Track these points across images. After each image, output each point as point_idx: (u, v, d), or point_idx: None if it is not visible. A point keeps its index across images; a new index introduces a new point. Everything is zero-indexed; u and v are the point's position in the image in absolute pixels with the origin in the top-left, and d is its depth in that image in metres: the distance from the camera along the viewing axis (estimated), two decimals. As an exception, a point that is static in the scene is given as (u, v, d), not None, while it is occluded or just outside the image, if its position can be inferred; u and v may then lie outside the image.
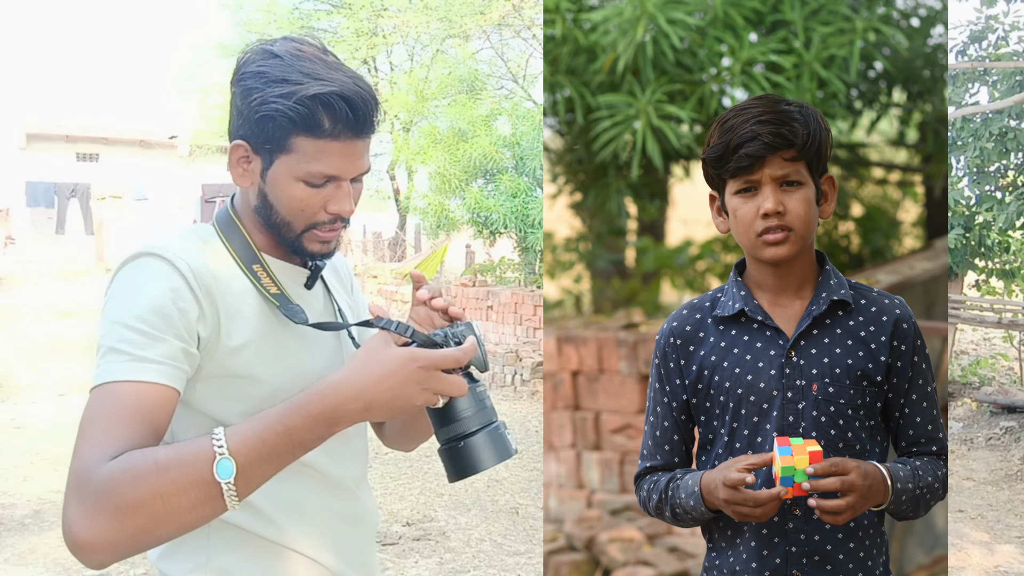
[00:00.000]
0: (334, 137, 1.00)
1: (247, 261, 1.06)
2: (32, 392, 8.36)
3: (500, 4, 11.97)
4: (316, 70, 0.99)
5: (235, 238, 1.07)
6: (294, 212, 1.04)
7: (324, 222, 1.05)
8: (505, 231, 9.72)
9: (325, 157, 1.00)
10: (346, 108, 0.99)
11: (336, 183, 1.03)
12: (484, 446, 0.96)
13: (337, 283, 1.24)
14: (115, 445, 0.86)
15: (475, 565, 3.97)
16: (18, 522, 4.45)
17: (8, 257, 17.82)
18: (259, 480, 0.89)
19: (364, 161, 1.05)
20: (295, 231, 1.05)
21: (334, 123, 0.99)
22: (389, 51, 15.33)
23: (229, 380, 1.01)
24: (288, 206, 1.04)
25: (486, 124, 10.07)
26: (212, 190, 18.15)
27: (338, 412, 0.90)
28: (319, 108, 0.98)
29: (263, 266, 1.06)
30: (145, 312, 0.94)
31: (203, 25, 32.68)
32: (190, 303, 0.97)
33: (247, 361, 1.02)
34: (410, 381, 0.91)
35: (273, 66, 1.00)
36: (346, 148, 1.01)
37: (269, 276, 1.06)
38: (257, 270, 1.05)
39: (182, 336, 0.95)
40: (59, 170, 19.62)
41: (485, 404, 0.98)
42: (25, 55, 41.22)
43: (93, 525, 0.82)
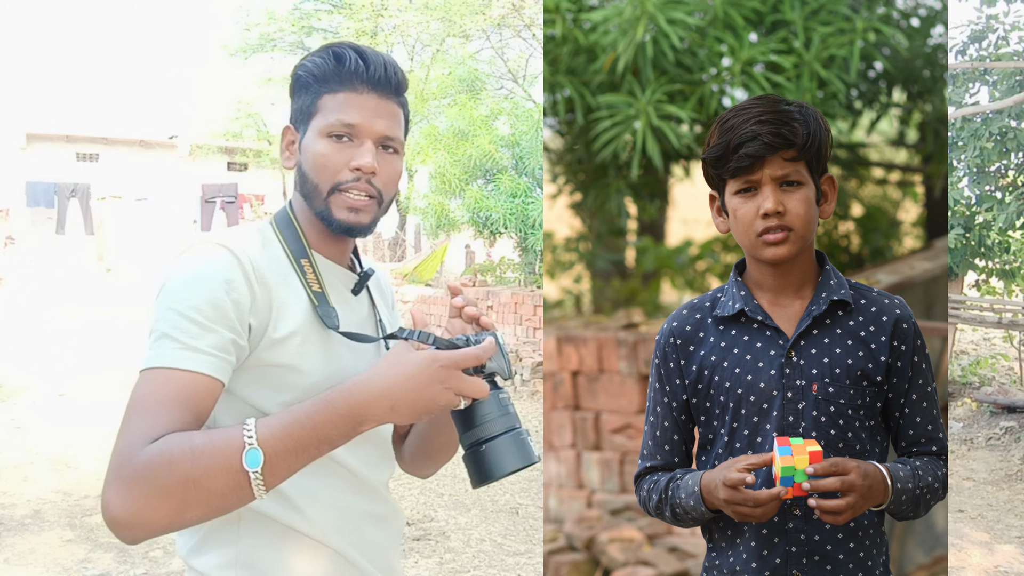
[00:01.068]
0: (352, 88, 1.07)
1: (297, 255, 1.10)
2: (32, 392, 8.36)
3: (500, 4, 11.97)
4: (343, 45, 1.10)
5: (289, 233, 1.11)
6: (319, 170, 1.08)
7: (347, 180, 1.07)
8: (505, 231, 9.72)
9: (345, 108, 1.07)
10: (356, 57, 1.07)
11: (359, 141, 1.08)
12: (506, 450, 0.97)
13: (380, 298, 1.26)
14: (157, 429, 0.90)
15: (475, 565, 3.97)
16: (18, 522, 4.45)
17: (8, 257, 17.82)
18: (286, 471, 0.91)
19: (387, 124, 1.09)
20: (322, 194, 1.08)
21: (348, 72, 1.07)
22: (389, 51, 15.33)
23: (272, 369, 1.04)
24: (314, 165, 1.08)
25: (486, 124, 10.07)
26: (212, 190, 18.13)
27: (364, 410, 0.93)
28: (331, 59, 1.07)
29: (311, 262, 1.10)
30: (200, 302, 0.97)
31: (203, 25, 32.69)
32: (244, 294, 1.00)
33: (291, 352, 1.04)
34: (432, 380, 0.93)
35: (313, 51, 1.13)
36: (365, 101, 1.07)
37: (315, 273, 1.10)
38: (304, 265, 1.09)
39: (233, 327, 0.98)
40: (59, 170, 19.62)
41: (508, 410, 0.99)
42: (25, 55, 41.30)
43: (130, 504, 0.86)
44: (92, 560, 3.96)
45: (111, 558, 3.99)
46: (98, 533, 4.32)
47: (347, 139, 1.07)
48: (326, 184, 1.08)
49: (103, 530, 4.37)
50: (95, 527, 4.42)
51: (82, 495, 4.99)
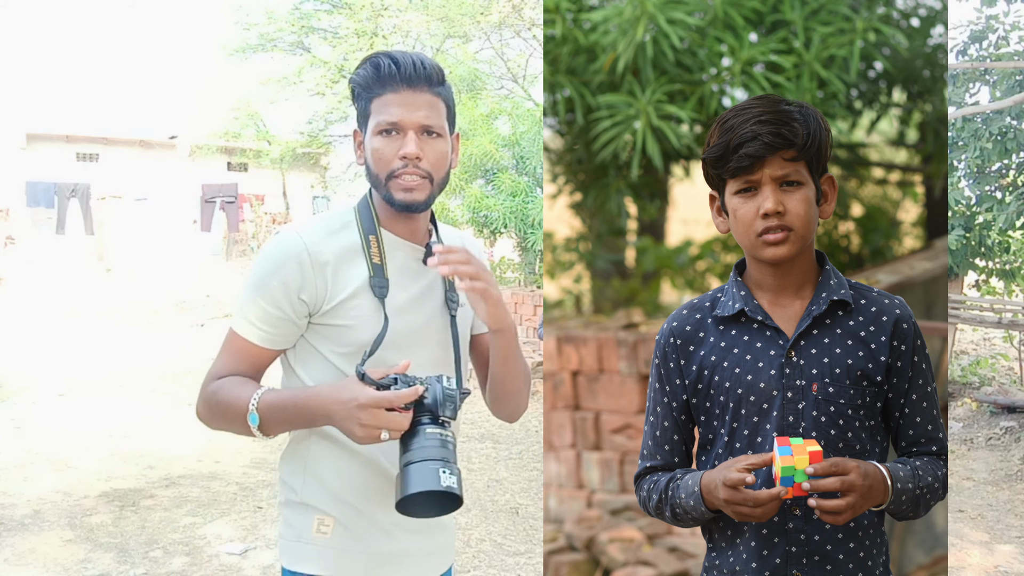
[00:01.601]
0: (392, 89, 1.27)
1: (366, 233, 1.33)
2: (32, 392, 8.36)
3: (500, 4, 11.97)
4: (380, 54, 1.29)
5: (364, 215, 1.35)
6: (376, 162, 1.30)
7: (399, 168, 1.28)
8: (505, 231, 9.72)
9: (387, 107, 1.27)
10: (389, 62, 1.27)
11: (403, 133, 1.28)
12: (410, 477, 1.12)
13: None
14: (222, 371, 1.33)
15: (475, 565, 3.97)
16: (18, 522, 4.45)
17: (8, 257, 17.82)
18: (278, 431, 1.27)
19: (426, 114, 1.28)
20: (382, 181, 1.30)
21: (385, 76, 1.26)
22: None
23: (333, 328, 1.31)
24: (372, 158, 1.31)
25: (486, 124, 10.07)
26: (212, 190, 18.12)
27: (312, 413, 1.22)
28: (370, 68, 1.28)
29: (377, 238, 1.33)
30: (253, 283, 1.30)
31: (204, 25, 32.68)
32: (293, 276, 1.28)
33: (347, 314, 1.30)
34: (351, 416, 1.15)
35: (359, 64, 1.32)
36: (402, 98, 1.27)
37: (379, 247, 1.32)
38: (371, 240, 1.32)
39: (278, 304, 1.28)
40: (59, 170, 19.60)
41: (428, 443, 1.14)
42: (25, 56, 41.28)
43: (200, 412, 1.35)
44: (92, 560, 3.96)
45: (111, 558, 3.99)
46: (98, 533, 4.32)
47: (394, 133, 1.28)
48: (383, 173, 1.30)
49: (103, 530, 4.37)
50: (95, 527, 4.42)
51: (82, 495, 4.98)
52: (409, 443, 1.15)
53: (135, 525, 4.47)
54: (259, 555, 4.07)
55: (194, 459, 5.90)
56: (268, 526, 4.48)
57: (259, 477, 5.47)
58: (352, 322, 1.29)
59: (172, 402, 7.96)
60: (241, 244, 18.88)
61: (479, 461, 6.01)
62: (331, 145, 17.61)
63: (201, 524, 4.50)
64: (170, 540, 4.25)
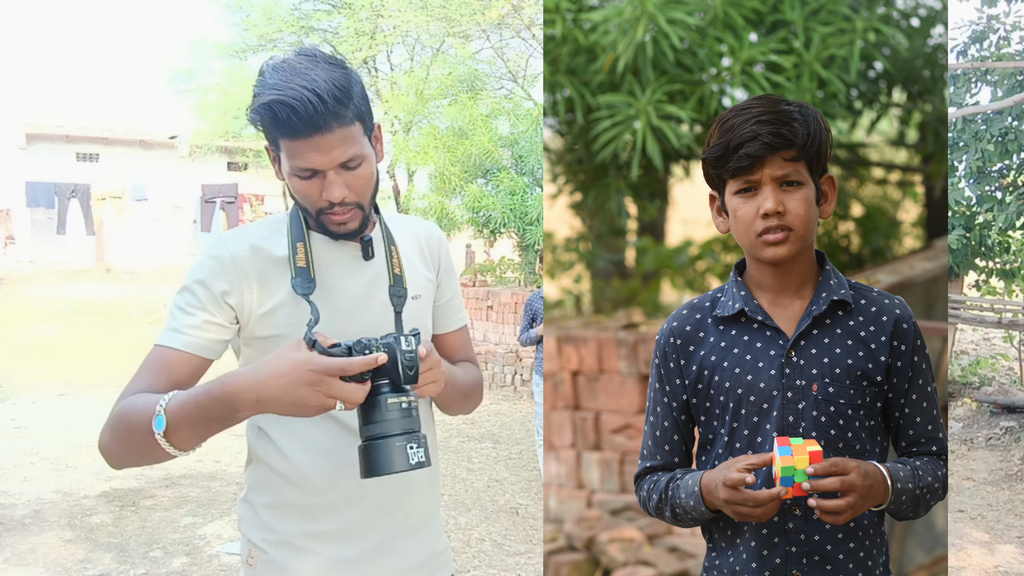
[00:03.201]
0: (295, 136, 1.13)
1: (294, 239, 1.25)
2: (32, 392, 8.35)
3: (500, 4, 11.96)
4: (279, 81, 1.12)
5: (295, 221, 1.26)
6: (301, 199, 1.22)
7: (325, 208, 1.20)
8: (505, 230, 9.72)
9: (299, 153, 1.15)
10: (287, 112, 1.10)
11: (322, 174, 1.17)
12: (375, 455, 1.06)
13: (416, 257, 1.39)
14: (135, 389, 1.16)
15: (475, 565, 3.97)
16: (18, 522, 4.45)
17: (8, 257, 17.81)
18: (186, 438, 1.09)
19: (341, 152, 1.16)
20: (312, 214, 1.23)
21: (284, 125, 1.12)
22: (389, 51, 15.30)
23: (266, 341, 1.23)
24: (297, 195, 1.21)
25: (486, 124, 10.07)
26: (212, 190, 18.13)
27: (234, 399, 1.05)
28: (267, 114, 1.13)
29: (305, 243, 1.24)
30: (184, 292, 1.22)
31: (203, 25, 32.69)
32: (218, 282, 1.20)
33: (278, 323, 1.22)
34: (301, 382, 1.02)
35: (258, 83, 1.16)
36: (312, 144, 1.13)
37: (305, 252, 1.24)
38: (298, 247, 1.24)
39: (207, 309, 1.20)
40: (59, 170, 19.60)
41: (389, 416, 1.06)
42: (25, 55, 41.25)
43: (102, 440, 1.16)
44: (92, 560, 3.96)
45: (111, 558, 3.99)
46: (98, 533, 4.32)
47: (312, 175, 1.17)
48: (312, 209, 1.22)
49: (103, 530, 4.37)
50: (95, 527, 4.41)
51: (82, 495, 4.99)
52: (370, 415, 1.07)
53: (135, 525, 4.47)
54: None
55: (194, 459, 5.90)
56: (268, 526, 4.47)
57: (259, 477, 5.46)
58: (285, 330, 1.21)
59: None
60: (241, 244, 18.85)
61: (479, 461, 6.01)
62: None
63: (201, 524, 4.50)
64: (170, 540, 4.25)
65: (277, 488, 1.28)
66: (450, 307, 1.46)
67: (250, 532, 1.30)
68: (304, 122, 1.11)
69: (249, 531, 1.30)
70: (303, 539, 1.26)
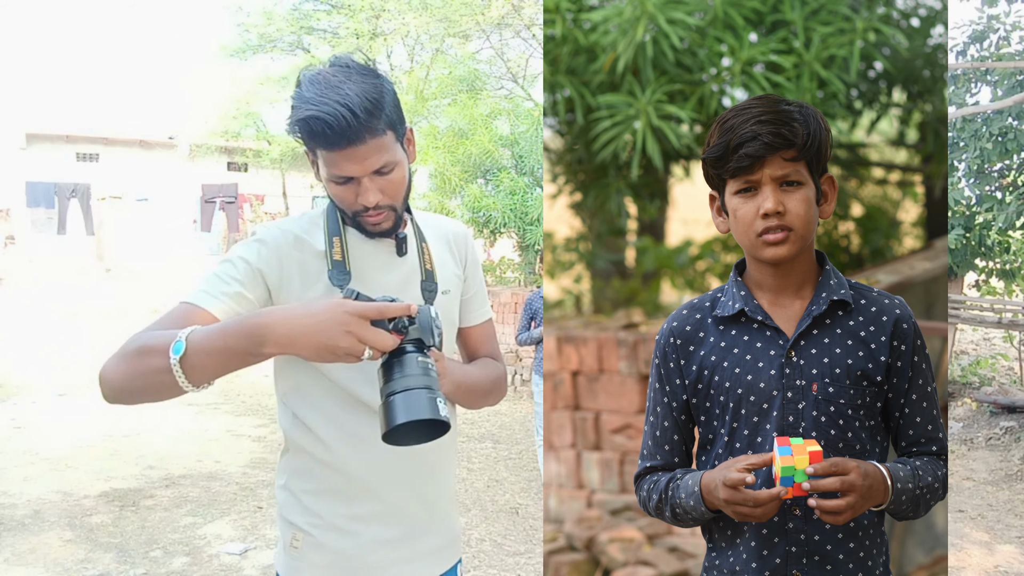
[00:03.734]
0: (331, 148, 1.20)
1: (330, 234, 1.32)
2: (32, 392, 8.36)
3: (500, 4, 11.96)
4: (315, 95, 1.18)
5: (331, 217, 1.34)
6: (339, 201, 1.30)
7: (361, 211, 1.28)
8: (505, 230, 9.72)
9: (335, 162, 1.22)
10: (323, 126, 1.17)
11: (357, 180, 1.25)
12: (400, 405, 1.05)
13: (447, 255, 1.46)
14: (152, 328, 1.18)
15: (475, 565, 3.97)
16: (18, 522, 4.45)
17: (8, 257, 17.81)
18: (201, 368, 1.09)
19: (374, 160, 1.23)
20: (348, 216, 1.31)
21: (320, 138, 1.19)
22: (389, 51, 15.30)
23: None
24: (334, 197, 1.30)
25: (486, 124, 10.06)
26: (212, 190, 18.12)
27: (264, 331, 1.07)
28: (304, 128, 1.20)
29: (341, 238, 1.32)
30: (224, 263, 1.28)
31: (203, 26, 32.69)
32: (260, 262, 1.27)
33: None
34: (334, 323, 1.05)
35: (295, 95, 1.23)
36: (347, 154, 1.21)
37: (341, 247, 1.31)
38: (334, 241, 1.31)
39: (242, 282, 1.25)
40: (59, 170, 19.60)
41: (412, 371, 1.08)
42: (25, 55, 41.28)
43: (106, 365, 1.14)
44: (92, 560, 3.96)
45: (111, 558, 3.99)
46: (98, 533, 4.32)
47: (347, 181, 1.25)
48: (348, 211, 1.30)
49: (103, 530, 4.37)
50: (95, 527, 4.42)
51: (82, 495, 4.99)
52: (393, 371, 1.09)
53: (135, 525, 4.47)
54: (259, 555, 4.06)
55: (194, 459, 5.90)
56: (268, 526, 4.48)
57: (259, 477, 5.47)
58: None
59: (172, 402, 7.95)
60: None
61: (479, 461, 6.01)
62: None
63: (201, 524, 4.50)
64: (170, 540, 4.25)
65: (317, 474, 1.34)
66: (476, 301, 1.53)
67: (293, 517, 1.36)
68: (339, 136, 1.18)
69: (292, 516, 1.37)
70: (346, 521, 1.34)
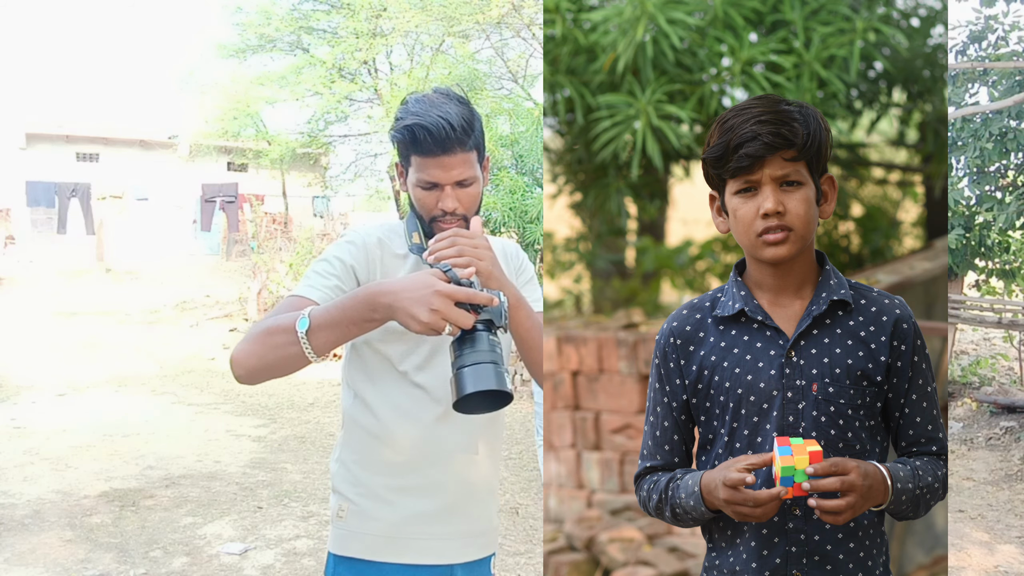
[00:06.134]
0: (425, 154, 1.42)
1: (409, 229, 1.52)
2: (32, 392, 8.35)
3: (500, 4, 11.96)
4: (420, 110, 1.42)
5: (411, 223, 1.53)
6: (420, 208, 1.48)
7: (439, 216, 1.46)
8: (505, 230, 9.72)
9: (425, 168, 1.43)
10: (425, 133, 1.40)
11: (440, 187, 1.44)
12: (470, 376, 1.18)
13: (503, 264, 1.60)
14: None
15: (475, 565, 3.97)
16: (18, 522, 4.45)
17: (8, 257, 17.81)
18: (325, 340, 1.26)
19: (460, 171, 1.43)
20: (427, 220, 1.49)
21: (420, 144, 1.41)
22: (389, 51, 15.29)
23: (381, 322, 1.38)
24: (417, 204, 1.49)
25: (486, 123, 10.06)
26: (212, 190, 18.11)
27: (373, 300, 1.23)
28: (408, 134, 1.42)
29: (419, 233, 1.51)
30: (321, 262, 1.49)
31: (202, 25, 32.69)
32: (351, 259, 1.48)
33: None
34: (424, 298, 1.19)
35: (401, 110, 1.46)
36: (438, 162, 1.42)
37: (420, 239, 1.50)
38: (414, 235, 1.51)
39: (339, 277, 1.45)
40: (59, 170, 19.59)
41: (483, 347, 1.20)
42: (25, 55, 41.27)
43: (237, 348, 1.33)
44: (92, 560, 3.96)
45: (111, 558, 3.99)
46: (98, 533, 4.33)
47: (432, 187, 1.45)
48: (427, 216, 1.48)
49: (103, 530, 4.37)
50: (95, 527, 4.42)
51: (82, 495, 4.99)
52: (464, 347, 1.20)
53: (135, 525, 4.47)
54: (259, 555, 4.07)
55: (194, 459, 5.91)
56: (268, 526, 4.48)
57: (259, 477, 5.47)
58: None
59: (172, 402, 7.95)
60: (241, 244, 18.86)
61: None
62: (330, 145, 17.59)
63: (201, 524, 4.51)
64: (170, 540, 4.25)
65: (367, 445, 1.50)
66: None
67: (342, 487, 1.52)
68: (436, 143, 1.39)
69: (341, 486, 1.53)
70: (388, 491, 1.49)
